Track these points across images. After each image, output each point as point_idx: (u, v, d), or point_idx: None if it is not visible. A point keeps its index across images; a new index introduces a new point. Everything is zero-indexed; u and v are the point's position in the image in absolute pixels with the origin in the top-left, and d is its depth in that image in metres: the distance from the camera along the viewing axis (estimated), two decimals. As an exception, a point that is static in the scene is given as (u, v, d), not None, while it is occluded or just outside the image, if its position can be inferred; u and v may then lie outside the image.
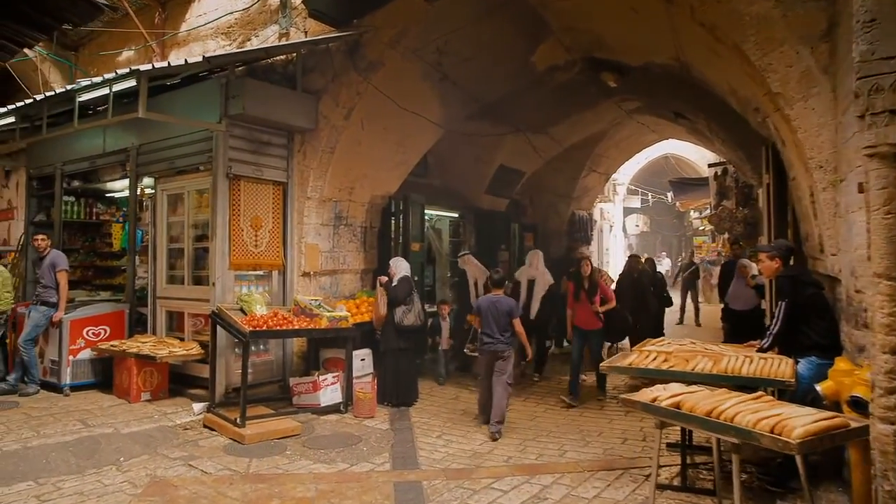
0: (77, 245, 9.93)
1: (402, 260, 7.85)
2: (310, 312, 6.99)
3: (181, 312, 7.69)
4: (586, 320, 7.78)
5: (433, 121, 8.74)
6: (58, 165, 9.24)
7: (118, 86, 6.56)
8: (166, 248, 7.88)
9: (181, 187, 7.67)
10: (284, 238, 7.78)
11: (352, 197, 8.47)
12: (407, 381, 7.33)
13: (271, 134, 7.60)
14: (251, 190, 7.42)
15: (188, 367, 7.42)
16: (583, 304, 7.77)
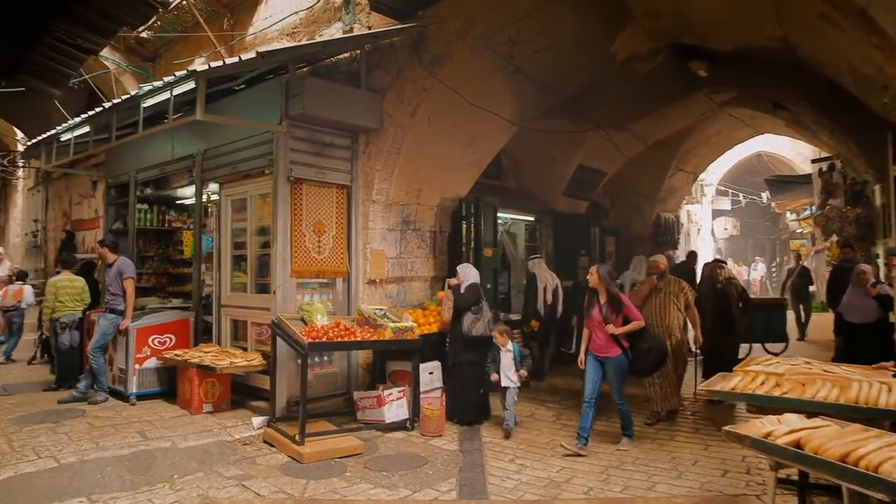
0: (151, 252, 9.99)
1: (470, 266, 7.32)
2: (374, 323, 6.57)
3: (245, 321, 7.47)
4: (602, 345, 5.92)
5: (505, 117, 8.18)
6: (131, 174, 9.30)
7: (179, 89, 6.39)
8: (231, 254, 7.69)
9: (244, 192, 7.46)
10: (349, 244, 7.42)
11: (420, 200, 8.03)
12: (477, 396, 6.78)
13: (334, 135, 7.27)
14: (313, 193, 7.10)
15: (251, 378, 7.17)
16: (596, 323, 5.93)
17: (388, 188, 7.55)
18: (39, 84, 7.67)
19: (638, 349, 5.90)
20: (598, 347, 5.96)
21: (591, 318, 5.98)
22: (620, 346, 5.87)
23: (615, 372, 5.93)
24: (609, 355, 5.89)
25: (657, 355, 6.03)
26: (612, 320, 5.81)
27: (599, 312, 5.89)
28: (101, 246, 7.67)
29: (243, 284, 7.53)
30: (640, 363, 5.97)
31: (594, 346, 6.01)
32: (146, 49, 11.28)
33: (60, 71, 7.09)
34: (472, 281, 7.00)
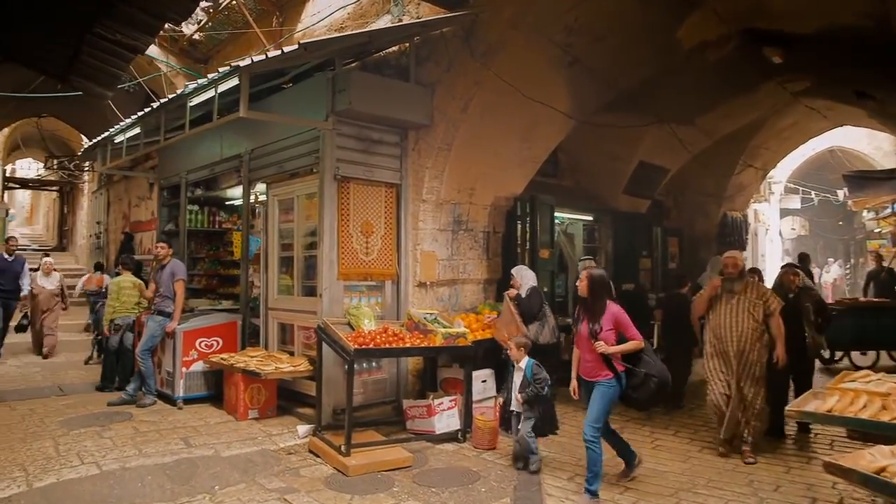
0: (202, 254, 9.95)
1: (526, 269, 6.92)
2: (423, 328, 6.24)
3: (291, 325, 7.26)
4: (590, 366, 4.81)
5: (562, 111, 7.72)
6: (182, 175, 9.27)
7: (224, 86, 6.24)
8: (278, 256, 7.50)
9: (291, 192, 7.26)
10: (398, 245, 7.12)
11: (472, 199, 7.66)
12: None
13: (383, 131, 6.98)
14: (361, 192, 6.82)
15: (297, 384, 6.95)
16: (584, 340, 4.85)
17: (439, 187, 7.21)
18: (91, 86, 7.66)
19: (635, 376, 4.77)
20: (587, 370, 4.84)
21: (579, 333, 4.91)
22: (612, 369, 4.72)
23: (599, 399, 4.72)
24: (597, 379, 4.76)
25: (657, 385, 4.78)
26: (602, 336, 4.69)
27: (587, 327, 4.80)
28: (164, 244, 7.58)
29: (290, 287, 7.33)
30: (637, 393, 4.81)
31: (583, 370, 4.90)
32: (198, 51, 11.32)
33: (109, 71, 7.04)
34: (531, 284, 6.61)
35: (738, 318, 5.68)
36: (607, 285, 4.91)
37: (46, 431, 6.08)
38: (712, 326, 5.81)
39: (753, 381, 5.66)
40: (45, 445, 5.62)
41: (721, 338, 5.72)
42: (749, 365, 5.65)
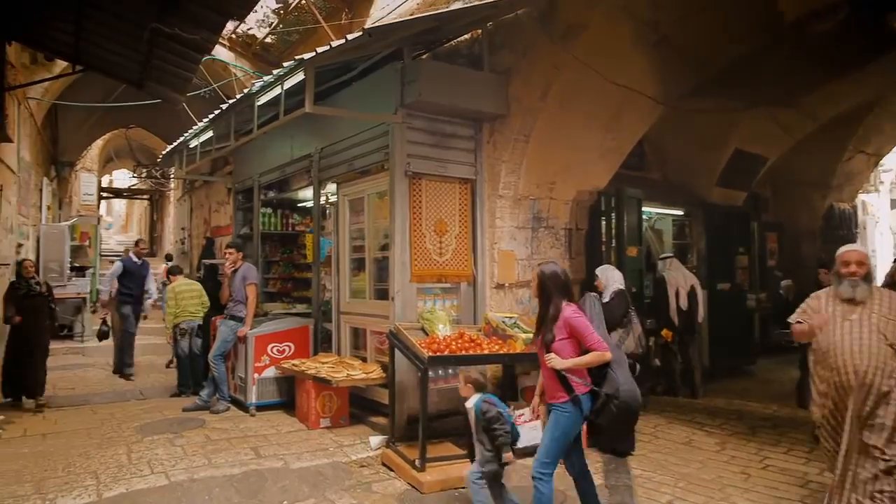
0: (276, 257, 9.86)
1: (612, 269, 6.33)
2: (502, 333, 5.79)
3: (364, 329, 6.96)
4: (547, 386, 3.95)
5: (649, 95, 7.07)
6: (255, 177, 9.20)
7: (290, 81, 6.02)
8: (349, 258, 7.23)
9: (361, 191, 6.96)
10: (474, 244, 6.69)
11: (552, 194, 7.14)
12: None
13: (456, 124, 6.57)
14: (434, 189, 6.44)
15: (370, 392, 6.64)
16: (540, 353, 3.99)
17: (517, 181, 6.74)
18: (165, 91, 7.68)
19: (597, 397, 3.80)
20: (547, 391, 3.95)
21: (537, 344, 4.04)
22: (568, 389, 3.77)
23: (550, 428, 3.83)
24: (552, 402, 3.84)
25: (619, 408, 3.74)
26: (555, 348, 3.76)
27: (542, 336, 3.92)
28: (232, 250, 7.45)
29: (362, 290, 7.03)
30: (599, 418, 3.85)
31: (546, 390, 3.98)
32: (271, 54, 11.31)
33: (180, 74, 7.01)
34: (617, 287, 6.02)
35: (863, 337, 3.79)
36: (562, 284, 3.94)
37: (122, 437, 6.02)
38: (821, 353, 3.98)
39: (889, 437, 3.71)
40: (119, 452, 5.54)
41: (836, 368, 3.83)
42: (880, 407, 3.72)
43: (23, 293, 7.22)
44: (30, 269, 7.45)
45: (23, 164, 9.82)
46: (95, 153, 21.87)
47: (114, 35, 6.48)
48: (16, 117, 8.97)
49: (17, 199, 9.28)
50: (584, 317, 3.78)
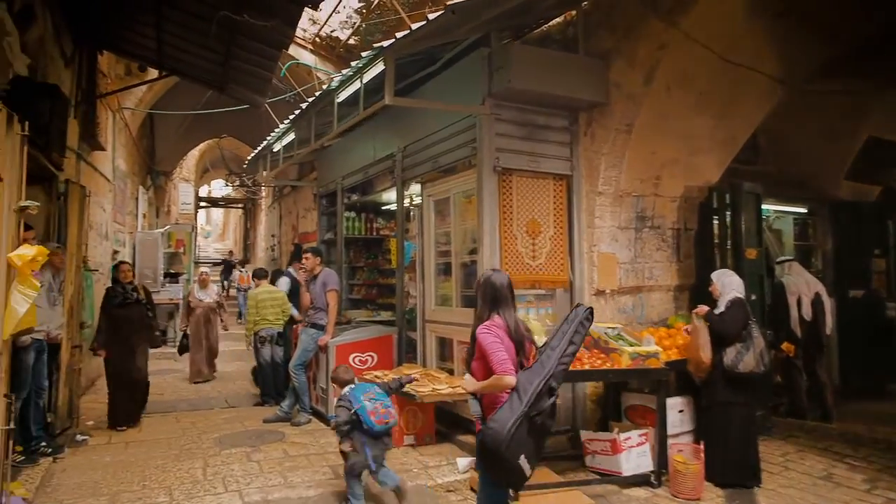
0: (360, 262, 9.58)
1: (730, 274, 5.49)
2: (605, 346, 5.14)
3: (451, 339, 6.46)
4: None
5: (768, 75, 6.21)
6: (338, 180, 8.95)
7: (369, 73, 5.66)
8: (434, 263, 6.76)
9: (447, 190, 6.49)
10: (570, 247, 6.06)
11: (658, 190, 6.41)
12: (743, 450, 4.99)
13: (549, 115, 5.98)
14: (525, 186, 5.87)
15: (458, 407, 6.13)
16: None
17: (618, 176, 6.06)
18: (246, 92, 7.52)
19: None
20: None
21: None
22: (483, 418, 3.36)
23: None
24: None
25: (480, 448, 3.20)
26: (472, 367, 3.41)
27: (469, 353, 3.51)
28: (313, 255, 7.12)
29: (448, 297, 6.55)
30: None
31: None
32: (354, 56, 11.05)
33: (259, 74, 6.81)
34: (734, 295, 5.20)
35: None
36: (490, 295, 3.43)
37: (200, 450, 5.80)
38: None
39: None
40: (195, 467, 5.29)
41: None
42: None
43: (118, 301, 6.46)
44: (127, 273, 6.65)
45: (118, 173, 10.03)
46: (192, 164, 22.73)
47: (192, 36, 6.35)
48: (110, 127, 9.14)
49: (112, 206, 9.45)
50: (492, 334, 3.27)
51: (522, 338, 3.39)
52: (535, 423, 3.07)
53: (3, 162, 3.59)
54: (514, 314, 3.42)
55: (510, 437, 2.98)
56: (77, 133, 7.15)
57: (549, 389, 3.13)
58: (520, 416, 3.02)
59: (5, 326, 3.70)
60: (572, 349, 3.31)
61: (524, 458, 3.04)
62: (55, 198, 6.01)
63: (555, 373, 3.17)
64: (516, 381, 3.12)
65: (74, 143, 7.05)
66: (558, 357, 3.24)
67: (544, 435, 3.19)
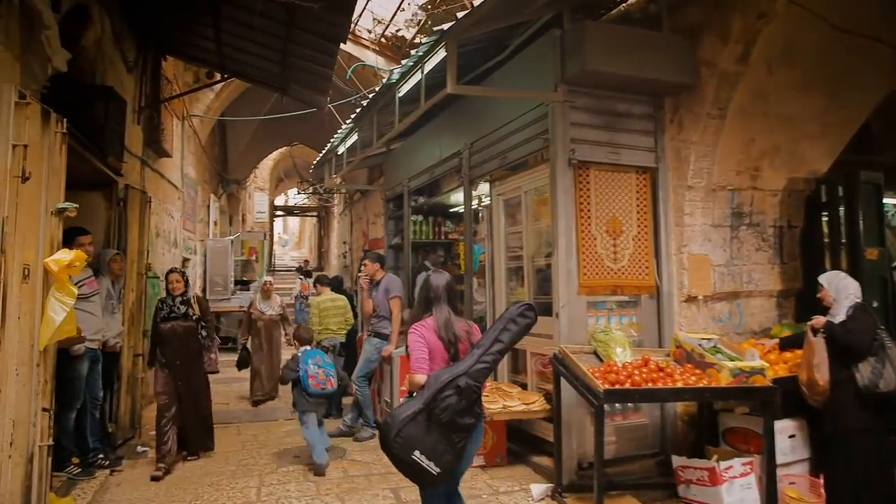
0: (429, 268, 9.17)
1: (843, 276, 4.66)
2: (700, 360, 4.48)
3: (524, 350, 5.93)
4: None
5: (892, 44, 5.36)
6: (404, 183, 8.58)
7: (431, 62, 5.24)
8: (504, 267, 6.26)
9: (517, 188, 5.97)
10: (657, 247, 5.42)
11: (757, 182, 5.66)
12: (885, 486, 4.19)
13: (630, 100, 5.37)
14: (605, 181, 5.28)
15: (532, 425, 5.59)
16: None
17: (711, 168, 5.38)
18: (307, 92, 7.28)
19: None
20: None
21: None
22: None
23: None
24: None
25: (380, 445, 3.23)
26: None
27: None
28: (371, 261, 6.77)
29: (520, 304, 6.01)
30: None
31: None
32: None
33: (318, 71, 6.54)
34: (853, 301, 4.41)
35: None
36: (423, 297, 3.54)
37: (257, 466, 5.50)
38: None
39: None
40: (249, 486, 4.98)
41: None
42: None
43: (161, 315, 5.58)
44: (175, 284, 5.62)
45: (187, 181, 10.06)
46: (267, 173, 23.13)
47: (249, 33, 6.15)
48: (178, 134, 9.14)
49: (181, 214, 9.45)
50: (417, 334, 3.36)
51: (454, 337, 3.38)
52: (438, 418, 3.05)
53: (35, 159, 3.37)
54: (446, 313, 3.43)
55: (398, 432, 3.02)
56: (141, 139, 7.09)
57: (460, 388, 3.09)
58: (416, 412, 3.05)
59: (42, 336, 3.47)
60: (498, 346, 3.28)
61: (419, 453, 3.02)
62: (115, 203, 5.90)
63: (471, 371, 3.15)
64: (427, 378, 3.16)
65: (138, 150, 6.99)
66: (479, 355, 3.22)
67: (454, 432, 3.11)
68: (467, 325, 3.50)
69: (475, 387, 3.16)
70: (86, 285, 4.95)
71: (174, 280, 5.68)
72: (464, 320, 3.53)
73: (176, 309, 5.58)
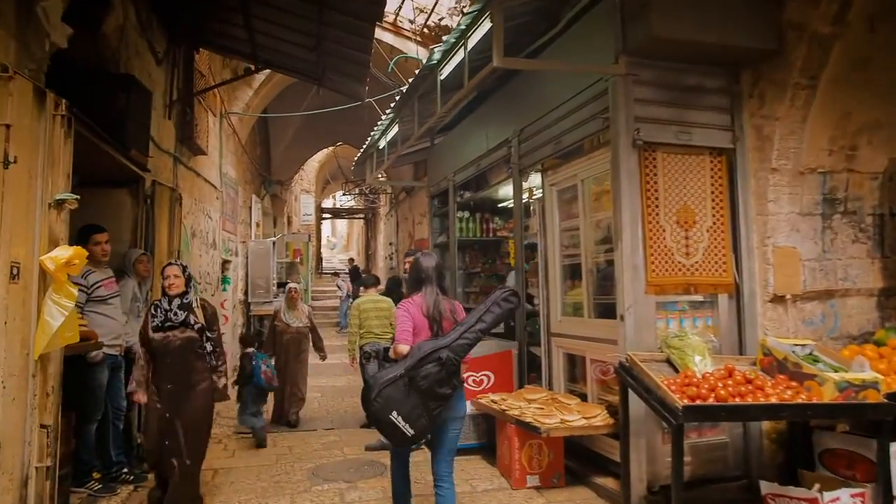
0: (476, 267, 8.63)
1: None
2: (794, 370, 3.81)
3: (582, 356, 5.32)
4: None
5: None
6: (449, 177, 8.06)
7: (475, 37, 4.72)
8: (560, 265, 5.66)
9: (573, 177, 5.37)
10: (735, 240, 4.74)
11: (853, 164, 4.91)
12: None
13: (701, 72, 4.71)
14: (674, 165, 4.64)
15: (594, 441, 4.98)
16: None
17: (798, 147, 4.66)
18: (345, 81, 6.86)
19: None
20: None
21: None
22: None
23: None
24: None
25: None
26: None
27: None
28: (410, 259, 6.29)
29: (578, 305, 5.42)
30: None
31: None
32: (466, 44, 10.22)
33: (354, 57, 6.07)
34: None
35: None
36: (414, 277, 3.90)
37: (290, 484, 5.05)
38: None
39: None
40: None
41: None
42: None
43: (156, 324, 4.14)
44: (173, 281, 4.19)
45: (227, 181, 9.79)
46: (312, 176, 23.00)
47: (279, 17, 5.71)
48: (215, 131, 8.86)
49: (220, 214, 9.17)
50: (403, 309, 3.72)
51: (439, 315, 3.67)
52: (418, 385, 3.33)
53: (24, 143, 2.98)
54: (434, 293, 3.74)
55: (378, 392, 3.35)
56: (173, 135, 6.77)
57: (441, 360, 3.36)
58: (396, 376, 3.37)
59: (37, 343, 3.07)
60: (480, 326, 3.54)
61: (396, 414, 3.33)
62: (142, 201, 5.56)
63: (452, 345, 3.42)
64: (410, 348, 3.48)
65: (170, 146, 6.68)
66: (462, 332, 3.49)
67: (431, 399, 3.37)
68: (451, 305, 3.78)
69: (455, 360, 3.41)
70: (104, 286, 4.60)
71: (172, 275, 4.20)
72: (449, 300, 3.80)
73: (173, 315, 4.13)
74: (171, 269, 4.25)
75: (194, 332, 4.17)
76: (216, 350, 4.34)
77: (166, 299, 4.19)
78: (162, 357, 4.13)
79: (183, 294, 4.22)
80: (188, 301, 4.22)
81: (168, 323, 4.12)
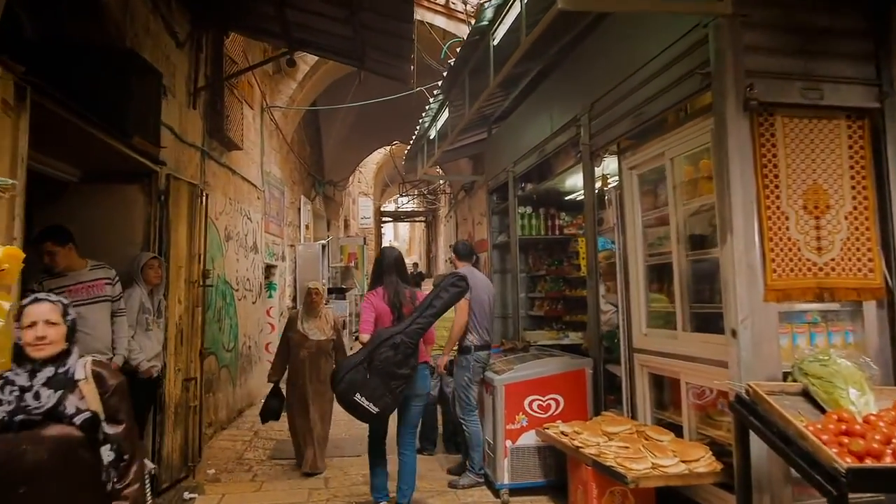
0: (541, 270, 7.65)
1: None
2: None
3: (675, 379, 4.27)
4: None
5: None
6: (508, 168, 7.13)
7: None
8: (643, 265, 4.62)
9: (658, 155, 4.33)
10: (884, 230, 3.61)
11: None
12: None
13: (834, 10, 3.62)
14: (799, 133, 3.56)
15: (696, 489, 3.92)
16: None
17: (971, 104, 3.50)
18: (387, 60, 6.06)
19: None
20: None
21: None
22: None
23: None
24: None
25: None
26: None
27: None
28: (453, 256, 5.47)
29: (667, 315, 4.37)
30: None
31: None
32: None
33: (395, 29, 5.26)
34: None
35: None
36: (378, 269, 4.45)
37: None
38: None
39: None
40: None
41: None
42: None
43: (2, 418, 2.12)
44: (43, 333, 2.18)
45: (272, 180, 9.16)
46: (370, 178, 22.47)
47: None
48: (254, 127, 8.23)
49: (262, 216, 8.53)
50: (366, 300, 4.28)
51: (401, 304, 4.24)
52: (377, 368, 3.85)
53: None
54: (394, 282, 4.31)
55: (342, 377, 3.90)
56: (200, 127, 6.13)
57: (395, 344, 3.89)
58: (358, 362, 3.92)
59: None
60: (431, 311, 4.08)
61: (360, 395, 3.85)
62: (154, 198, 4.87)
63: (406, 330, 3.97)
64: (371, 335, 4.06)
65: (197, 139, 6.04)
66: (415, 318, 4.04)
67: (392, 379, 3.88)
68: (411, 292, 4.36)
69: (409, 343, 3.92)
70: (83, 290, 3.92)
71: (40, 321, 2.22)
72: (409, 288, 4.39)
73: (33, 398, 2.15)
74: (39, 308, 2.25)
75: (75, 430, 2.16)
76: (120, 457, 2.26)
77: (26, 367, 2.21)
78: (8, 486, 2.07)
79: (60, 356, 2.26)
80: (66, 370, 2.25)
81: (21, 415, 2.11)
